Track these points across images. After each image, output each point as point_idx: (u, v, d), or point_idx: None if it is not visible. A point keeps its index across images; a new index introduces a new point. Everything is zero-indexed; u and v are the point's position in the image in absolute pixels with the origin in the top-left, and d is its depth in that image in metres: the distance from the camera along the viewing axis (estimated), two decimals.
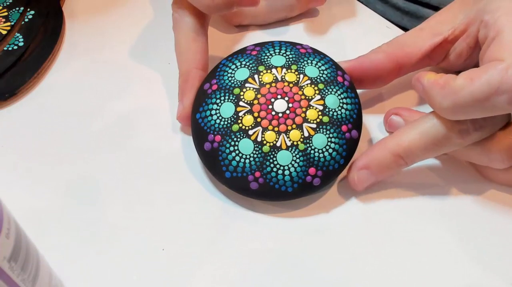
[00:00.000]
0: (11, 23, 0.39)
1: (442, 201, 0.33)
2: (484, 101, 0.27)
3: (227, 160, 0.30)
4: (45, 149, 0.35)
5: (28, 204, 0.32)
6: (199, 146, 0.32)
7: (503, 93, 0.26)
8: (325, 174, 0.30)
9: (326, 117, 0.31)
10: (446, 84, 0.28)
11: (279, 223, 0.32)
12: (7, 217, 0.21)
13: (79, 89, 0.38)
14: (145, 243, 0.31)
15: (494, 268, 0.30)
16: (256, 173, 0.30)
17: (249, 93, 0.31)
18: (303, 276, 0.30)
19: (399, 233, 0.31)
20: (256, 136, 0.30)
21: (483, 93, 0.27)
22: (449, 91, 0.28)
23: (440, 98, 0.28)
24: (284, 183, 0.30)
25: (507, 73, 0.26)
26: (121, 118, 0.36)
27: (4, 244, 0.21)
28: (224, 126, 0.31)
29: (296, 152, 0.30)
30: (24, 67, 0.38)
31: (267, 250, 0.31)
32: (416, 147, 0.30)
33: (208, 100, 0.32)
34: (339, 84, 0.32)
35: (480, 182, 0.33)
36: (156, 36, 0.41)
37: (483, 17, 0.30)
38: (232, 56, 0.34)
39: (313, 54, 0.33)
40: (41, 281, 0.24)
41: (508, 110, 0.27)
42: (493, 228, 0.31)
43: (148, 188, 0.33)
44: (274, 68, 0.32)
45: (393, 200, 0.33)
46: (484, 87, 0.26)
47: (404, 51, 0.34)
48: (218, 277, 0.30)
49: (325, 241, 0.31)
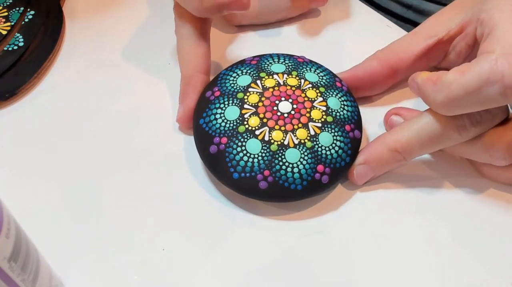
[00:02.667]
0: (11, 23, 0.39)
1: (445, 202, 0.32)
2: (476, 93, 0.27)
3: (235, 160, 0.30)
4: (45, 149, 0.35)
5: (28, 204, 0.32)
6: (203, 150, 0.31)
7: (493, 84, 0.26)
8: (333, 171, 0.31)
9: (330, 117, 0.31)
10: (438, 80, 0.28)
11: (279, 223, 0.32)
12: (7, 217, 0.21)
13: (79, 89, 0.38)
14: (145, 243, 0.31)
15: (494, 268, 0.30)
16: (265, 172, 0.30)
17: (253, 97, 0.32)
18: (303, 277, 0.30)
19: (400, 233, 0.31)
20: (264, 135, 0.30)
21: (474, 85, 0.27)
22: (441, 86, 0.28)
23: (434, 94, 0.28)
24: (294, 181, 0.30)
25: (497, 64, 0.26)
26: (121, 119, 0.36)
27: (4, 244, 0.21)
28: (230, 128, 0.31)
29: (304, 149, 0.30)
30: (24, 67, 0.38)
31: (267, 250, 0.31)
32: (414, 142, 0.30)
33: (211, 106, 0.32)
34: (338, 89, 0.33)
35: (480, 182, 0.33)
36: (156, 36, 0.41)
37: (480, 15, 0.30)
38: (232, 67, 0.34)
39: (311, 63, 0.34)
40: (41, 281, 0.24)
41: (502, 102, 0.27)
42: (494, 228, 0.31)
43: (148, 188, 0.33)
44: (275, 74, 0.33)
45: (394, 200, 0.33)
46: (475, 79, 0.27)
47: (398, 56, 0.34)
48: (218, 277, 0.30)
49: (325, 242, 0.31)
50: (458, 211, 0.32)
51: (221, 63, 0.37)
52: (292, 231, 0.31)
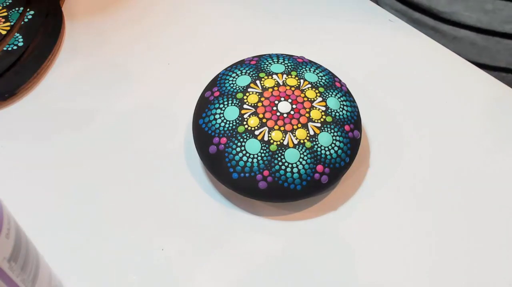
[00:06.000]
0: (10, 23, 0.39)
1: (445, 202, 0.33)
2: None
3: (234, 160, 0.30)
4: (45, 149, 0.35)
5: (28, 204, 0.32)
6: (202, 150, 0.32)
7: None
8: (332, 172, 0.31)
9: (329, 117, 0.31)
10: None
11: (278, 223, 0.32)
12: (7, 217, 0.21)
13: (79, 89, 0.38)
14: (144, 243, 0.31)
15: (494, 268, 0.30)
16: (265, 172, 0.30)
17: (253, 97, 0.32)
18: (303, 276, 0.30)
19: (400, 233, 0.31)
20: (263, 136, 0.30)
21: None
22: None
23: None
24: (293, 181, 0.30)
25: None
26: (121, 119, 0.36)
27: (4, 244, 0.21)
28: (229, 129, 0.31)
29: (303, 149, 0.30)
30: (24, 67, 0.38)
31: (266, 250, 0.31)
32: None
33: (210, 106, 0.32)
34: (337, 89, 0.33)
35: (480, 181, 0.33)
36: (156, 36, 0.41)
37: None
38: (231, 67, 0.34)
39: (310, 63, 0.34)
40: (41, 281, 0.24)
41: None
42: (494, 228, 0.31)
43: (148, 188, 0.33)
44: (274, 74, 0.33)
45: (393, 200, 0.33)
46: None
47: None
48: (218, 277, 0.30)
49: (324, 242, 0.31)
50: (457, 211, 0.32)
51: (220, 63, 0.37)
52: (292, 231, 0.31)
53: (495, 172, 0.34)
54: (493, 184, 0.33)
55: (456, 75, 0.39)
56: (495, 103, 0.37)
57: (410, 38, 0.41)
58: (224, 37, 0.41)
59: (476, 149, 0.35)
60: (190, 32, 0.42)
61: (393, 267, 0.30)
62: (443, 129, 0.36)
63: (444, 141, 0.35)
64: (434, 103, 0.37)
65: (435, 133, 0.36)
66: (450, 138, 0.36)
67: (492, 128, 0.36)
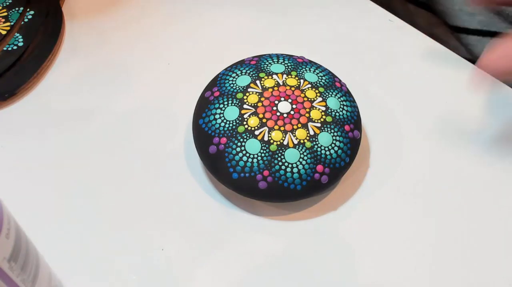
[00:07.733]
0: (10, 23, 0.39)
1: (445, 202, 0.33)
2: None
3: (234, 160, 0.30)
4: (45, 149, 0.35)
5: (28, 204, 0.32)
6: (203, 150, 0.32)
7: None
8: (332, 172, 0.31)
9: (329, 117, 0.31)
10: None
11: (278, 223, 0.32)
12: (7, 217, 0.21)
13: (79, 89, 0.38)
14: (144, 243, 0.31)
15: (494, 268, 0.30)
16: (265, 172, 0.30)
17: (253, 97, 0.32)
18: (303, 276, 0.30)
19: (400, 233, 0.31)
20: (263, 136, 0.30)
21: None
22: None
23: None
24: (293, 181, 0.30)
25: None
26: (121, 119, 0.36)
27: (4, 244, 0.21)
28: (229, 128, 0.31)
29: (303, 149, 0.30)
30: (24, 67, 0.38)
31: (266, 250, 0.31)
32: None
33: (210, 106, 0.32)
34: (337, 89, 0.33)
35: (480, 181, 0.33)
36: (156, 36, 0.41)
37: None
38: (231, 67, 0.34)
39: (310, 63, 0.34)
40: (41, 281, 0.24)
41: None
42: (494, 228, 0.31)
43: (148, 188, 0.33)
44: (274, 74, 0.33)
45: (393, 200, 0.33)
46: None
47: None
48: (218, 277, 0.30)
49: (324, 242, 0.31)
50: (457, 211, 0.32)
51: (220, 63, 0.37)
52: (292, 231, 0.31)
53: (495, 172, 0.34)
54: (493, 184, 0.33)
55: (456, 75, 0.39)
56: (495, 103, 0.37)
57: (410, 38, 0.41)
58: (224, 37, 0.41)
59: (476, 148, 0.35)
60: (190, 32, 0.42)
61: (393, 267, 0.30)
62: (443, 129, 0.36)
63: (444, 141, 0.35)
64: (434, 103, 0.37)
65: (435, 133, 0.36)
66: (450, 138, 0.36)
67: (492, 128, 0.36)
